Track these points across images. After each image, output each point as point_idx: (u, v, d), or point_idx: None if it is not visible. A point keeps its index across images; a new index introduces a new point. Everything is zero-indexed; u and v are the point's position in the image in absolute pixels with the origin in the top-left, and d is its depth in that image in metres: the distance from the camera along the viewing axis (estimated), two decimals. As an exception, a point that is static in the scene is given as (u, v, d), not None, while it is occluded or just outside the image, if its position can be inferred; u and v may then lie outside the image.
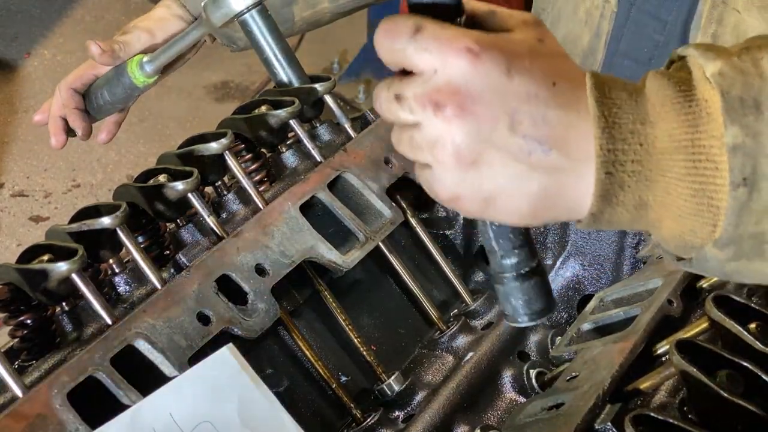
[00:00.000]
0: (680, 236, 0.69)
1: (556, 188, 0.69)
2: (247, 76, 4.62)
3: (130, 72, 1.51)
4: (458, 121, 0.68)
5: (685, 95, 0.67)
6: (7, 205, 3.84)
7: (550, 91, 0.68)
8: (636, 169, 0.67)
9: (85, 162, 3.99)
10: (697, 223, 0.67)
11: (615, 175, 0.67)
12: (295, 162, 1.25)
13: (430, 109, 0.68)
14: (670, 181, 0.67)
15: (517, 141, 0.67)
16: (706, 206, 0.66)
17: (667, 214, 0.68)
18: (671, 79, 0.68)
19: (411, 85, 0.70)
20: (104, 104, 1.58)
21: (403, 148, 0.74)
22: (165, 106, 4.24)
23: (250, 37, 1.36)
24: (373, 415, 1.12)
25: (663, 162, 0.67)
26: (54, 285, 0.95)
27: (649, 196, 0.68)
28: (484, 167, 0.69)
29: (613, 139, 0.67)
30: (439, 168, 0.70)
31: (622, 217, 0.70)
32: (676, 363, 0.88)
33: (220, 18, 1.36)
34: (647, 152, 0.67)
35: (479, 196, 0.70)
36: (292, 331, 1.13)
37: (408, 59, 0.70)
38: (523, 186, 0.69)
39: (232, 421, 0.92)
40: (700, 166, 0.65)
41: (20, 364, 0.98)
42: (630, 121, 0.67)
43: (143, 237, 1.09)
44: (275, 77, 1.37)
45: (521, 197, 0.69)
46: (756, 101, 0.65)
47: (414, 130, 0.71)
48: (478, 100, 0.67)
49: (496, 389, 1.16)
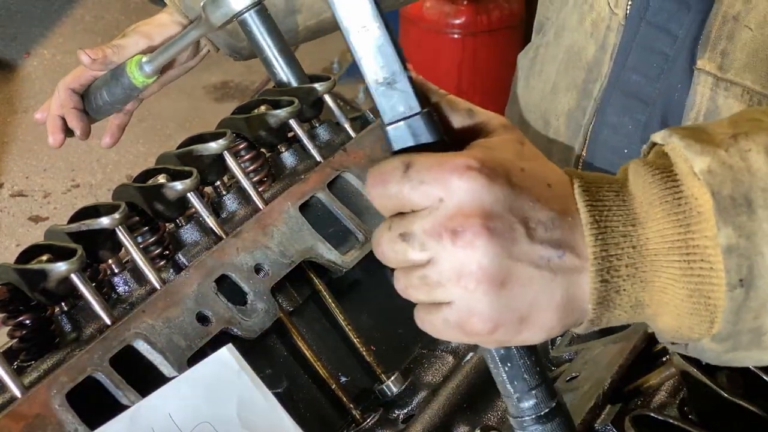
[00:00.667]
0: (677, 331, 0.69)
1: (574, 290, 0.67)
2: (247, 76, 4.62)
3: (129, 72, 1.50)
4: (481, 243, 0.64)
5: (673, 192, 0.66)
6: (7, 205, 3.84)
7: (549, 194, 0.67)
8: (631, 273, 0.66)
9: (84, 162, 3.99)
10: (694, 321, 0.67)
11: (610, 281, 0.66)
12: (295, 162, 1.25)
13: (447, 238, 0.64)
14: (666, 282, 0.66)
15: (537, 249, 0.65)
16: (703, 305, 0.66)
17: (664, 311, 0.68)
18: (655, 172, 0.67)
19: (417, 221, 0.66)
20: (103, 104, 1.58)
21: (415, 292, 0.69)
22: (165, 106, 4.24)
23: (250, 36, 1.36)
24: (373, 416, 1.11)
25: (657, 263, 0.66)
26: (53, 285, 0.95)
27: (645, 297, 0.68)
28: (515, 285, 0.65)
29: (606, 245, 0.66)
30: (469, 299, 0.66)
31: (620, 318, 0.69)
32: (676, 363, 0.88)
33: (219, 18, 1.36)
34: (640, 254, 0.66)
35: (515, 316, 0.66)
36: (291, 331, 1.13)
37: (406, 198, 0.66)
38: (550, 295, 0.66)
39: (231, 421, 0.92)
40: (695, 266, 0.65)
41: (19, 364, 0.98)
42: (621, 223, 0.66)
43: (142, 237, 1.09)
44: (275, 77, 1.37)
45: (549, 307, 0.67)
46: (747, 199, 0.64)
47: (427, 268, 0.67)
48: (494, 217, 0.64)
49: (496, 389, 1.15)
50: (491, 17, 3.60)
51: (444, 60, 3.66)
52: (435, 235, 0.65)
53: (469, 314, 0.66)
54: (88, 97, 1.60)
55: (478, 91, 3.69)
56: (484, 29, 3.61)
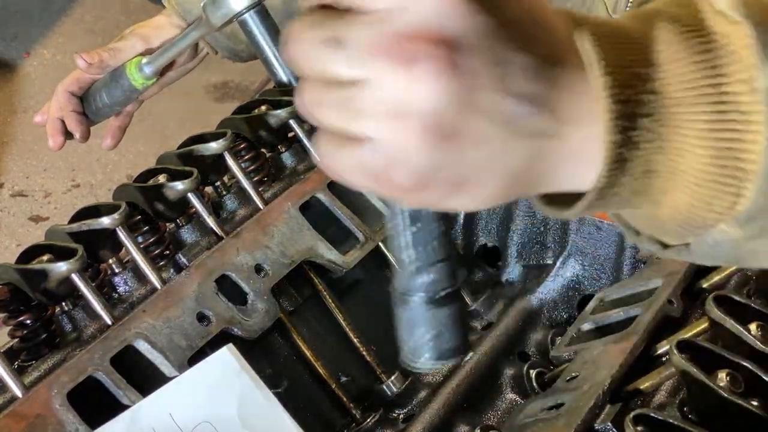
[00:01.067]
0: (689, 212, 0.54)
1: (536, 161, 0.53)
2: (247, 76, 4.62)
3: (129, 74, 1.50)
4: (442, 81, 0.49)
5: (692, 29, 0.52)
6: (7, 205, 3.84)
7: (539, 34, 0.52)
8: (651, 126, 0.52)
9: (84, 162, 3.99)
10: (716, 193, 0.52)
11: (630, 135, 0.51)
12: (295, 162, 1.25)
13: (399, 63, 0.49)
14: (687, 141, 0.52)
15: (506, 103, 0.50)
16: (730, 170, 0.51)
17: (677, 184, 0.54)
18: (671, 9, 0.54)
19: (359, 28, 0.50)
20: (103, 107, 1.58)
21: (325, 114, 0.52)
22: (165, 106, 4.24)
23: (250, 37, 1.36)
24: (373, 415, 1.12)
25: (679, 116, 0.52)
26: (54, 285, 0.95)
27: (659, 161, 0.53)
28: (465, 142, 0.51)
29: (623, 88, 0.51)
30: (402, 144, 0.51)
31: (622, 193, 0.54)
32: (676, 363, 0.88)
33: (219, 18, 1.36)
34: (661, 104, 0.52)
35: (453, 178, 0.52)
36: (291, 331, 1.13)
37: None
38: (505, 161, 0.52)
39: (231, 421, 0.92)
40: (727, 119, 0.51)
41: (20, 364, 0.98)
42: (636, 62, 0.52)
43: (143, 237, 1.09)
44: (275, 77, 1.37)
45: (498, 176, 0.53)
46: None
47: (353, 91, 0.51)
48: (465, 51, 0.49)
49: (496, 389, 1.16)
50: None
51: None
52: (381, 54, 0.49)
53: (395, 162, 0.51)
54: (88, 99, 1.60)
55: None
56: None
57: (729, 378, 0.86)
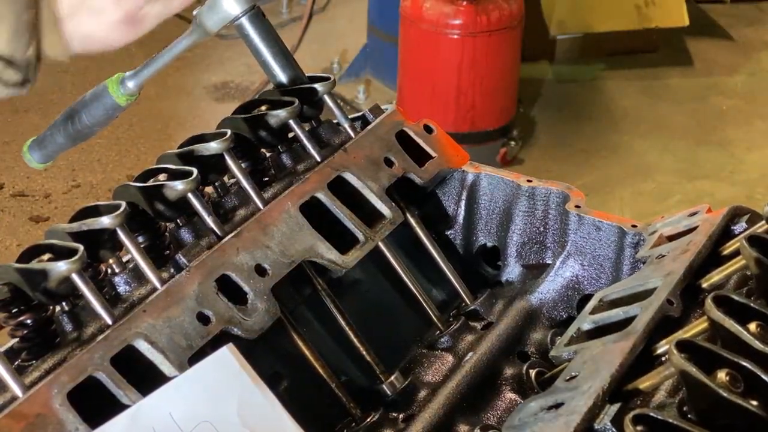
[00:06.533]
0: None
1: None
2: (247, 76, 4.62)
3: (111, 91, 1.44)
4: None
5: None
6: (7, 205, 3.84)
7: None
8: None
9: (85, 162, 3.99)
10: None
11: None
12: (295, 162, 1.25)
13: None
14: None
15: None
16: None
17: None
18: None
19: None
20: (82, 129, 1.51)
21: None
22: (165, 106, 4.24)
23: (247, 40, 1.36)
24: (373, 415, 1.12)
25: None
26: (54, 285, 0.95)
27: None
28: None
29: None
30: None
31: None
32: (676, 363, 0.88)
33: (216, 23, 1.36)
34: None
35: None
36: (292, 331, 1.13)
37: None
38: None
39: (231, 420, 0.92)
40: None
41: (20, 364, 0.98)
42: None
43: (143, 237, 1.09)
44: (273, 79, 1.37)
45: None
46: None
47: None
48: None
49: (496, 389, 1.16)
50: (491, 18, 3.60)
51: (443, 60, 3.66)
52: None
53: None
54: (66, 122, 1.53)
55: (478, 91, 3.69)
56: (483, 30, 3.61)
57: (728, 378, 0.86)
